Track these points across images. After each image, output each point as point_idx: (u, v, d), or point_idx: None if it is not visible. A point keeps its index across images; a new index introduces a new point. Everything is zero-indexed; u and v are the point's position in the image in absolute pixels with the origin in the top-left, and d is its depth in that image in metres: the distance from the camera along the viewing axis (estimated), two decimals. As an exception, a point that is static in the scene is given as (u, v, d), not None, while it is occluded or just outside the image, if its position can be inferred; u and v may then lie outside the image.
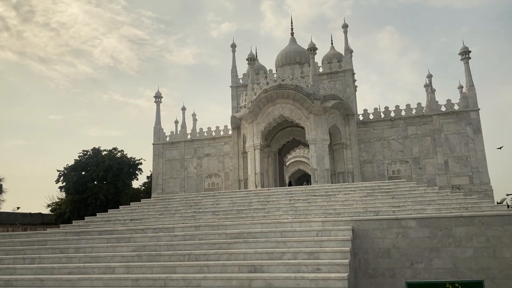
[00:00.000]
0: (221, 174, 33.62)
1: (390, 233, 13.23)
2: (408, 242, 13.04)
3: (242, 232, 14.26)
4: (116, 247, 14.92)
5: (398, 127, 30.72)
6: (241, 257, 12.97)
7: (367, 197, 22.69)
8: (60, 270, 13.99)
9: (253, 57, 31.48)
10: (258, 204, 23.64)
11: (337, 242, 12.72)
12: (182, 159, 34.58)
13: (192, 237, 14.73)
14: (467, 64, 29.99)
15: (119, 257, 14.19)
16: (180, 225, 15.94)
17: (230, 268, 12.46)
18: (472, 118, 29.41)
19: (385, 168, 30.56)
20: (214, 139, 34.21)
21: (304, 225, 14.16)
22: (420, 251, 12.90)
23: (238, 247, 13.56)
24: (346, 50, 31.63)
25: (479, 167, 28.88)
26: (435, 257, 12.77)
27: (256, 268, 12.21)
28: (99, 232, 16.71)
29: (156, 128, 35.52)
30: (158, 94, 35.82)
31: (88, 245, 15.48)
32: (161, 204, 26.65)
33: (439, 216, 13.13)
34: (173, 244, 14.38)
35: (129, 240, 15.41)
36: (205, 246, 13.95)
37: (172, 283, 12.19)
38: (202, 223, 16.87)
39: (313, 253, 12.36)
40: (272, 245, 13.27)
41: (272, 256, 12.68)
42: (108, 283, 12.73)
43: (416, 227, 13.06)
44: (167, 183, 34.52)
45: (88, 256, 14.57)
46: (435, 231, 12.87)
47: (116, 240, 15.58)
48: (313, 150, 28.86)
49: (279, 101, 29.52)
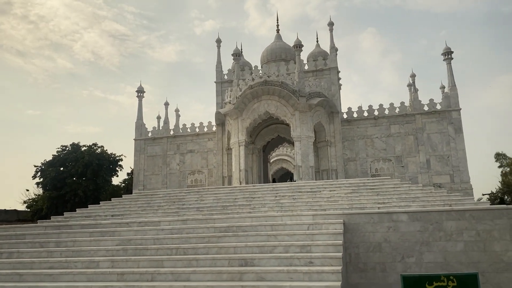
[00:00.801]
0: (205, 171, 33.11)
1: (381, 227, 13.03)
2: (399, 236, 12.87)
3: (231, 226, 13.86)
4: (100, 241, 14.32)
5: (382, 125, 30.77)
6: (231, 250, 12.57)
7: (353, 193, 22.59)
8: (40, 264, 13.34)
9: (239, 53, 31.11)
10: (244, 200, 23.29)
11: (329, 236, 12.44)
12: (165, 155, 33.92)
13: (180, 231, 14.25)
14: (449, 65, 30.25)
15: (103, 251, 13.61)
16: (167, 219, 15.43)
17: (220, 262, 12.05)
18: (454, 117, 29.67)
19: (368, 166, 30.57)
20: (197, 135, 33.66)
21: (295, 219, 13.85)
22: (411, 245, 12.74)
23: (228, 240, 13.16)
24: (331, 48, 31.54)
25: (460, 166, 29.15)
26: (425, 251, 12.62)
27: (247, 261, 11.84)
28: (81, 226, 16.06)
29: (138, 123, 34.77)
30: (140, 89, 35.08)
31: (69, 239, 14.82)
32: (143, 200, 26.02)
33: (430, 210, 13.01)
34: (159, 238, 13.87)
35: (113, 234, 14.82)
36: (193, 240, 13.50)
37: (160, 277, 11.72)
38: (190, 217, 16.38)
39: (305, 246, 12.06)
40: (262, 238, 12.92)
41: (263, 250, 12.33)
42: (92, 278, 12.16)
43: (407, 221, 12.90)
44: (149, 180, 33.82)
45: (70, 250, 13.94)
46: (426, 225, 12.73)
47: (99, 234, 14.97)
48: (298, 147, 28.65)
49: (264, 98, 29.21)
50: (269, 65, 32.70)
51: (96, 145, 39.41)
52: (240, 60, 31.57)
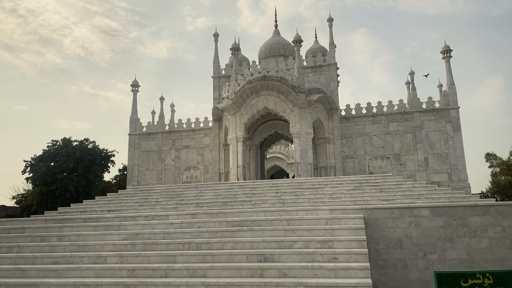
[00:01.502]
0: (200, 167, 32.28)
1: (402, 222, 12.49)
2: (421, 231, 12.34)
3: (244, 220, 13.17)
4: (106, 235, 13.49)
5: (380, 123, 30.37)
6: (248, 245, 11.88)
7: (355, 190, 22.10)
8: (43, 259, 12.48)
9: (237, 47, 30.38)
10: (244, 196, 22.61)
11: (350, 231, 11.85)
12: (160, 151, 32.98)
13: (190, 225, 13.50)
14: (448, 63, 30.02)
15: (110, 246, 12.80)
16: (175, 213, 14.65)
17: (237, 257, 11.36)
18: (452, 116, 29.42)
19: (366, 164, 30.14)
20: (193, 131, 32.80)
21: (311, 213, 13.23)
22: (433, 241, 12.22)
23: (243, 235, 12.46)
24: (330, 44, 31.02)
25: (458, 164, 28.91)
26: (449, 247, 12.12)
27: (266, 257, 11.17)
28: (84, 219, 15.17)
29: (132, 118, 33.75)
30: (135, 83, 34.08)
31: (73, 233, 13.95)
32: (140, 195, 25.15)
33: (454, 205, 12.50)
34: (169, 233, 13.11)
35: (119, 228, 14.00)
36: (205, 234, 12.77)
37: (174, 273, 10.98)
38: (199, 210, 15.62)
39: (326, 241, 11.44)
40: (280, 233, 12.26)
41: (282, 245, 11.67)
42: (101, 273, 11.36)
43: (429, 216, 12.38)
44: (143, 175, 32.84)
45: (75, 245, 13.08)
46: (449, 220, 12.22)
47: (104, 228, 14.12)
48: (297, 144, 28.05)
49: (263, 93, 28.55)
50: (267, 61, 32.04)
51: (88, 140, 38.34)
52: (238, 54, 30.85)
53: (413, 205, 12.75)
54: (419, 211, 12.45)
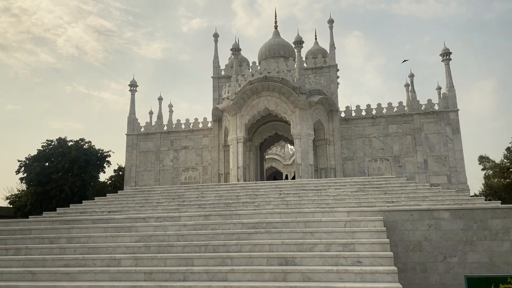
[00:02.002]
0: (199, 168, 31.84)
1: (421, 225, 12.27)
2: (440, 234, 12.13)
3: (260, 222, 12.81)
4: (117, 237, 13.03)
5: (380, 125, 30.27)
6: (267, 248, 11.54)
7: (359, 192, 21.90)
8: (53, 262, 11.98)
9: (238, 48, 30.05)
10: (247, 198, 22.28)
11: (371, 234, 11.57)
12: (158, 151, 32.46)
13: (204, 227, 13.12)
14: (447, 65, 30.04)
15: (123, 248, 12.35)
16: (187, 214, 14.25)
17: (257, 260, 11.01)
18: (452, 118, 29.43)
19: (366, 166, 30.00)
20: (192, 132, 32.35)
21: (328, 215, 12.94)
22: (453, 244, 12.02)
23: (261, 237, 12.11)
24: (331, 45, 30.85)
25: (457, 166, 28.91)
26: (469, 250, 11.92)
27: (287, 260, 10.84)
28: (92, 220, 14.66)
29: (130, 118, 33.17)
30: (133, 83, 33.52)
31: (82, 234, 13.46)
32: (140, 196, 24.66)
33: (474, 207, 12.33)
34: (183, 234, 12.70)
35: (130, 229, 13.54)
36: (221, 236, 12.39)
37: (194, 276, 10.59)
38: (212, 212, 15.23)
39: (348, 244, 11.15)
40: (298, 236, 11.93)
41: (302, 248, 11.35)
42: (116, 277, 10.92)
43: (449, 219, 12.17)
44: (141, 176, 32.28)
45: (86, 247, 12.60)
46: (470, 223, 12.03)
47: (114, 229, 13.65)
48: (298, 145, 27.79)
49: (264, 94, 28.24)
50: (267, 62, 31.74)
51: (84, 140, 37.67)
52: (238, 55, 30.52)
53: (432, 208, 12.54)
54: (438, 214, 12.24)
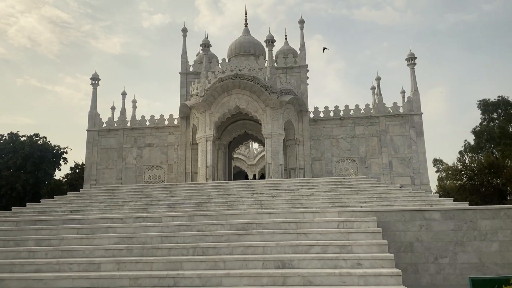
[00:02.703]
0: (164, 166, 30.57)
1: (413, 226, 12.04)
2: (432, 235, 11.94)
3: (249, 223, 12.10)
4: (93, 239, 11.87)
5: (347, 126, 30.33)
6: (260, 250, 10.85)
7: (331, 192, 21.72)
8: (23, 267, 10.70)
9: (208, 43, 29.10)
10: (219, 197, 21.53)
11: (366, 234, 11.17)
12: (120, 148, 30.86)
13: (189, 228, 12.22)
14: (412, 70, 30.58)
15: (102, 251, 11.24)
16: (169, 214, 13.27)
17: (252, 263, 10.30)
18: (416, 121, 29.96)
19: (333, 166, 29.97)
20: (157, 129, 31.02)
21: (319, 216, 12.43)
22: (444, 245, 11.87)
23: (252, 239, 11.40)
24: (301, 46, 30.59)
25: (420, 168, 29.46)
26: (460, 251, 11.81)
27: (284, 263, 10.21)
28: (63, 221, 13.33)
29: (91, 113, 31.34)
30: (95, 76, 31.71)
31: (53, 236, 12.18)
32: (104, 195, 23.25)
33: (464, 208, 12.25)
34: (168, 236, 11.75)
35: (107, 231, 12.40)
36: (210, 238, 11.56)
37: (185, 281, 9.73)
38: (197, 212, 14.31)
39: (345, 246, 10.68)
40: (291, 237, 11.33)
41: (298, 250, 10.75)
42: (98, 283, 9.85)
43: (440, 220, 12.01)
44: (102, 174, 30.55)
45: (58, 250, 11.38)
46: (460, 223, 11.93)
47: (89, 230, 12.45)
48: (269, 145, 27.28)
49: (235, 92, 27.52)
50: (237, 59, 30.99)
51: (38, 136, 35.29)
52: (208, 51, 29.57)
53: (424, 208, 12.36)
54: (430, 214, 12.06)
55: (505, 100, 44.00)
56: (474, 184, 41.56)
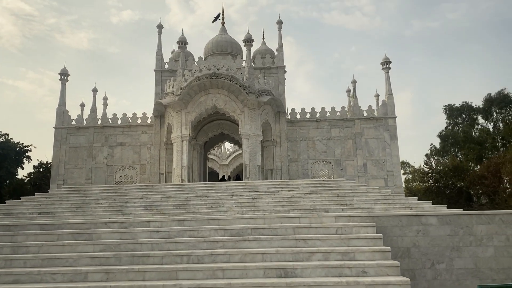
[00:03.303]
0: (136, 166, 29.35)
1: (409, 231, 11.76)
2: (428, 240, 11.71)
3: (244, 228, 11.45)
4: (77, 246, 10.88)
5: (323, 128, 30.16)
6: (259, 257, 10.23)
7: (312, 194, 21.42)
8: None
9: (185, 41, 28.16)
10: (197, 199, 20.78)
11: (367, 241, 10.78)
12: (90, 147, 29.38)
13: (180, 234, 11.44)
14: (387, 74, 30.78)
15: (87, 259, 10.28)
16: (157, 219, 12.39)
17: (253, 272, 9.67)
18: (390, 124, 30.16)
19: (309, 168, 29.72)
20: (130, 127, 29.75)
21: (315, 221, 11.94)
22: (441, 250, 11.65)
23: (249, 245, 10.76)
24: (279, 46, 30.16)
25: (394, 171, 29.67)
26: (456, 256, 11.63)
27: (287, 271, 9.64)
28: (40, 226, 12.20)
29: (60, 110, 29.67)
30: (64, 71, 30.07)
31: (31, 243, 11.08)
32: (76, 196, 21.98)
33: (461, 213, 12.10)
34: (158, 242, 10.93)
35: (91, 237, 11.42)
36: (203, 245, 10.83)
37: (184, 292, 8.97)
38: (188, 217, 13.47)
39: (348, 253, 10.24)
40: (290, 243, 10.78)
41: (299, 257, 10.21)
42: (87, 296, 8.93)
43: (437, 225, 11.80)
44: (70, 174, 28.97)
45: (38, 258, 10.32)
46: (456, 229, 11.76)
47: (71, 236, 11.42)
48: (246, 145, 26.67)
49: (212, 91, 26.74)
50: (215, 58, 30.17)
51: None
52: (185, 48, 28.61)
53: (421, 213, 12.12)
54: (427, 219, 11.83)
55: (468, 105, 45.34)
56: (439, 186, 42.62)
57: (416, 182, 46.07)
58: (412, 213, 11.99)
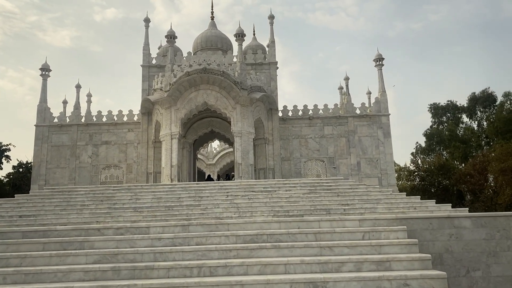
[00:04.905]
0: (123, 166, 27.39)
1: (441, 235, 10.40)
2: (462, 245, 10.37)
3: (259, 234, 9.88)
4: (66, 257, 9.10)
5: (316, 126, 28.82)
6: (282, 269, 8.67)
7: (311, 194, 20.04)
8: (-28, 299, 7.80)
9: (174, 35, 26.37)
10: (190, 200, 19.15)
11: (401, 247, 9.36)
12: (74, 146, 27.26)
13: (186, 241, 9.78)
14: (380, 71, 29.67)
15: (80, 273, 8.53)
16: (158, 224, 10.66)
17: (278, 286, 8.10)
18: (383, 122, 29.03)
19: (302, 166, 28.34)
20: (115, 125, 27.76)
21: (337, 224, 10.45)
22: (476, 256, 10.33)
23: (267, 254, 9.20)
24: (271, 42, 28.69)
25: (388, 169, 28.56)
26: (493, 262, 10.33)
27: (317, 285, 8.11)
28: (23, 233, 10.33)
29: (41, 107, 27.44)
30: (45, 67, 27.86)
31: (11, 254, 9.24)
32: (59, 197, 20.04)
33: (496, 214, 10.81)
34: (162, 252, 9.24)
35: (83, 245, 9.65)
36: (215, 254, 9.21)
37: (198, 314, 7.35)
38: (193, 221, 11.79)
39: (383, 262, 8.78)
40: (314, 251, 9.27)
41: (327, 268, 8.70)
42: (80, 320, 7.21)
43: (471, 227, 10.47)
44: (53, 174, 26.80)
45: (21, 273, 8.52)
46: (493, 232, 10.46)
47: (59, 245, 9.63)
48: (238, 144, 25.07)
49: (203, 87, 25.06)
50: (205, 53, 28.43)
51: (-24, 131, 30.59)
52: (174, 42, 26.81)
53: (453, 215, 10.77)
54: (459, 222, 10.49)
55: (453, 104, 44.81)
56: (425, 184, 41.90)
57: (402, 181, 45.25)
58: (443, 215, 10.66)
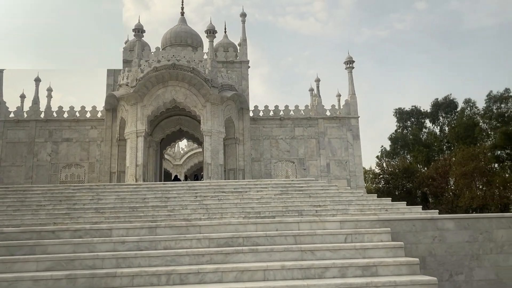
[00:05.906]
0: (84, 165, 25.61)
1: (424, 237, 9.72)
2: (445, 248, 9.73)
3: (234, 237, 8.84)
4: (13, 264, 7.73)
5: (286, 127, 28.07)
6: (260, 275, 7.68)
7: (282, 195, 19.23)
8: None
9: (141, 28, 24.94)
10: (157, 201, 17.92)
11: (386, 251, 8.58)
12: (32, 143, 25.24)
13: (153, 245, 8.60)
14: (350, 73, 29.29)
15: (29, 282, 7.21)
16: (121, 226, 9.42)
17: (257, 295, 7.11)
18: (353, 124, 28.66)
19: (272, 167, 27.50)
20: (77, 121, 25.95)
21: (317, 226, 9.57)
22: (459, 259, 9.71)
23: (244, 259, 8.17)
24: (243, 40, 27.70)
25: (356, 171, 28.18)
26: (476, 266, 9.74)
27: (301, 293, 7.17)
28: (-39, 237, 8.85)
29: (-5, 100, 25.33)
30: (1, 57, 25.75)
31: None
32: (13, 196, 18.31)
33: (479, 216, 10.32)
34: (127, 256, 8.04)
35: (34, 250, 8.29)
36: (186, 259, 8.09)
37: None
38: (161, 222, 10.56)
39: (368, 267, 7.95)
40: (295, 255, 8.33)
41: (310, 274, 7.78)
42: None
43: (454, 230, 9.85)
44: (7, 172, 24.69)
45: (-45, 285, 7.13)
46: (475, 234, 9.88)
47: (5, 250, 8.22)
48: (208, 143, 23.93)
49: (172, 84, 23.78)
50: (174, 49, 27.11)
51: None
52: (142, 37, 25.36)
53: (436, 217, 10.13)
54: (443, 224, 9.85)
55: (417, 109, 45.36)
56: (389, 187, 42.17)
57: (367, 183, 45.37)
58: (426, 217, 9.98)
